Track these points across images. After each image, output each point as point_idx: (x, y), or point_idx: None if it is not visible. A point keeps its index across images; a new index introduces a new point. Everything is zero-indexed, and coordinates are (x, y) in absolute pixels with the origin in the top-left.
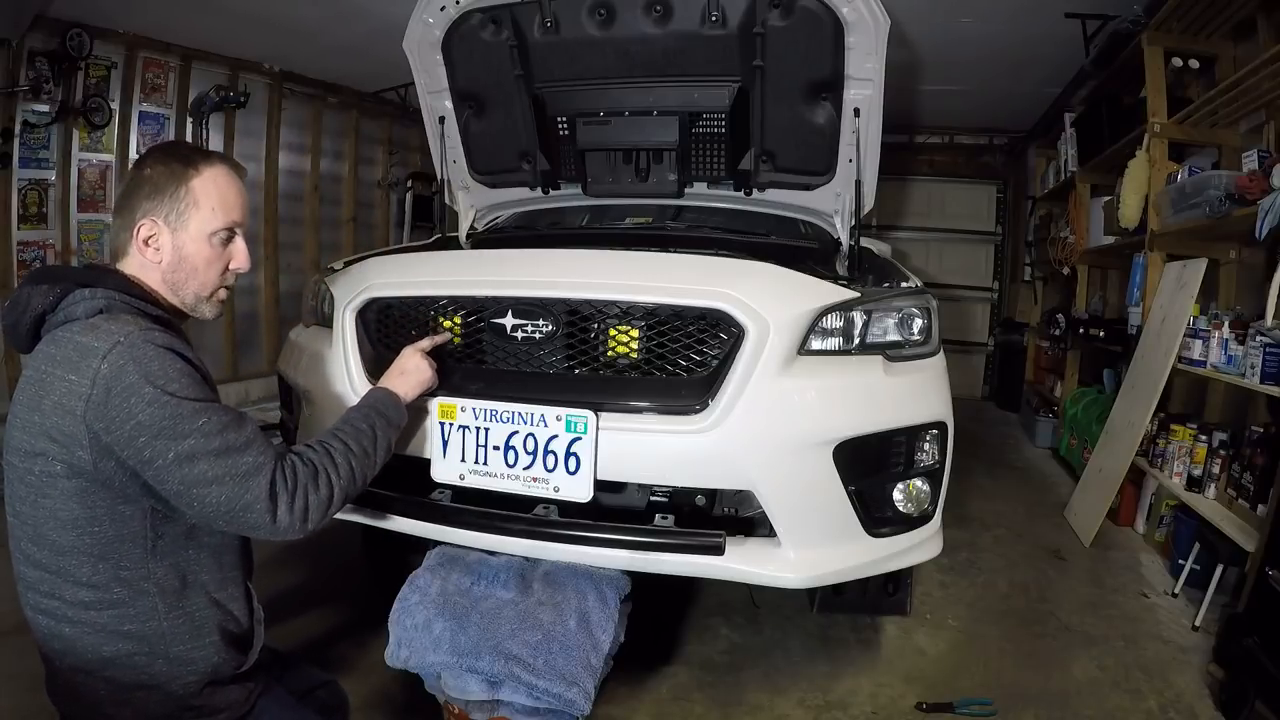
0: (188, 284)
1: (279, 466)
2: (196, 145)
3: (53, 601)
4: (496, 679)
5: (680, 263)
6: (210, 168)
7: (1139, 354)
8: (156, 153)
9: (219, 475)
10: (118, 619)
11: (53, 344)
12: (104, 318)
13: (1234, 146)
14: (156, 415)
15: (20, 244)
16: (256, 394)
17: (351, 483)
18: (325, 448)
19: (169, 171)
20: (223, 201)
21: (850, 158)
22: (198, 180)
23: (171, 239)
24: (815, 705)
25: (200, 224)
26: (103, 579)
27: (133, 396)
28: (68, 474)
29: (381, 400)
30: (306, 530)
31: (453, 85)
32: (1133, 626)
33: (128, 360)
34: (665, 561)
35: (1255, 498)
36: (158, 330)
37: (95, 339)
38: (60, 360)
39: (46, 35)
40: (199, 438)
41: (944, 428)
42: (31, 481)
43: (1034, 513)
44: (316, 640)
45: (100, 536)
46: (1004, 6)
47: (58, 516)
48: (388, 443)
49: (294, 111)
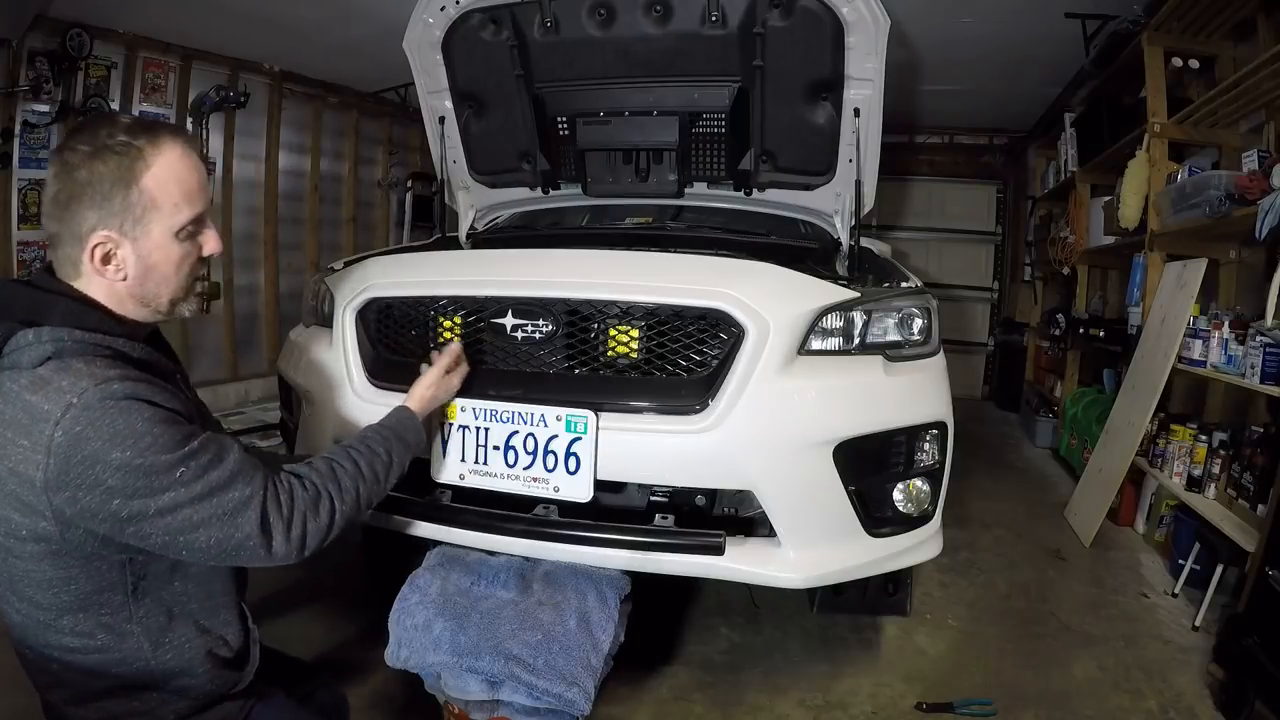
0: (160, 292)
1: (270, 493)
2: (126, 119)
3: (38, 642)
4: (496, 679)
5: (680, 263)
6: (160, 155)
7: (1139, 354)
8: (83, 146)
9: (205, 518)
10: (104, 663)
11: (1, 399)
12: (54, 367)
13: (1234, 146)
14: (128, 480)
15: (20, 244)
16: (256, 394)
17: (356, 508)
18: (333, 469)
19: (111, 170)
20: (184, 192)
21: (850, 158)
22: (150, 176)
23: (133, 250)
24: (815, 705)
25: (164, 226)
26: (86, 628)
27: (97, 465)
28: (34, 539)
29: (403, 423)
30: (304, 556)
31: (453, 85)
32: (1133, 626)
33: (85, 425)
34: (665, 561)
35: (1255, 498)
36: (116, 375)
37: (45, 399)
38: (9, 421)
39: (46, 35)
40: (178, 489)
41: (944, 428)
42: (0, 543)
43: (1034, 513)
44: (316, 640)
45: (78, 592)
46: (1004, 6)
47: (31, 577)
48: (401, 467)
49: (294, 111)
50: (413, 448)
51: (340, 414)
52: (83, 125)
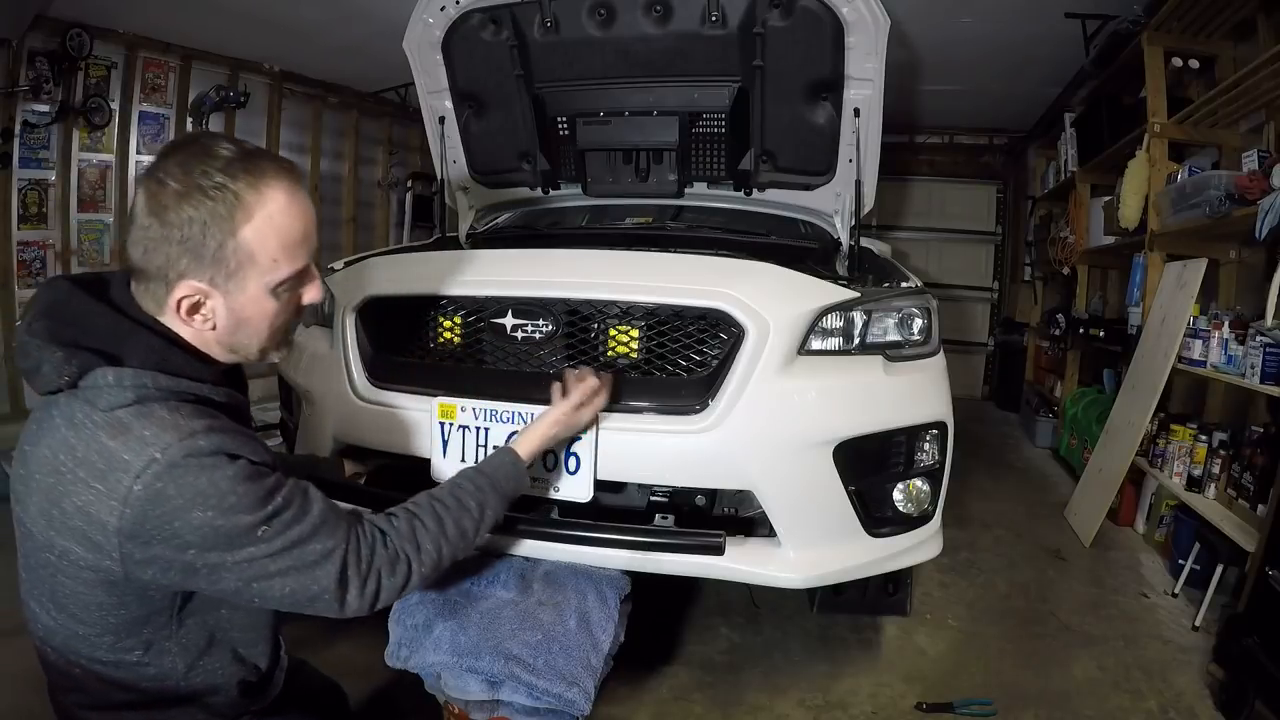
0: (250, 343)
1: (352, 546)
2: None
3: (65, 646)
4: (496, 679)
5: (680, 263)
6: (262, 204)
7: (1139, 354)
8: (176, 180)
9: (283, 569)
10: (133, 678)
11: (71, 427)
12: (135, 413)
13: (1234, 146)
14: (208, 536)
15: (20, 244)
16: (256, 394)
17: (435, 567)
18: (414, 524)
19: (205, 217)
20: (285, 246)
21: (850, 158)
22: (249, 229)
23: (224, 303)
24: (815, 705)
25: (260, 281)
26: (126, 645)
27: (176, 520)
28: (93, 570)
29: (502, 469)
30: (373, 611)
31: (453, 85)
32: (1133, 626)
33: (166, 483)
34: (665, 561)
35: (1255, 498)
36: (201, 429)
37: (125, 449)
38: (82, 459)
39: (46, 35)
40: (258, 545)
41: (944, 428)
42: (50, 561)
43: (1034, 513)
44: (316, 640)
45: (126, 617)
46: (1004, 6)
47: (79, 599)
48: (495, 519)
49: (294, 111)
50: (510, 497)
51: (340, 414)
52: (178, 145)
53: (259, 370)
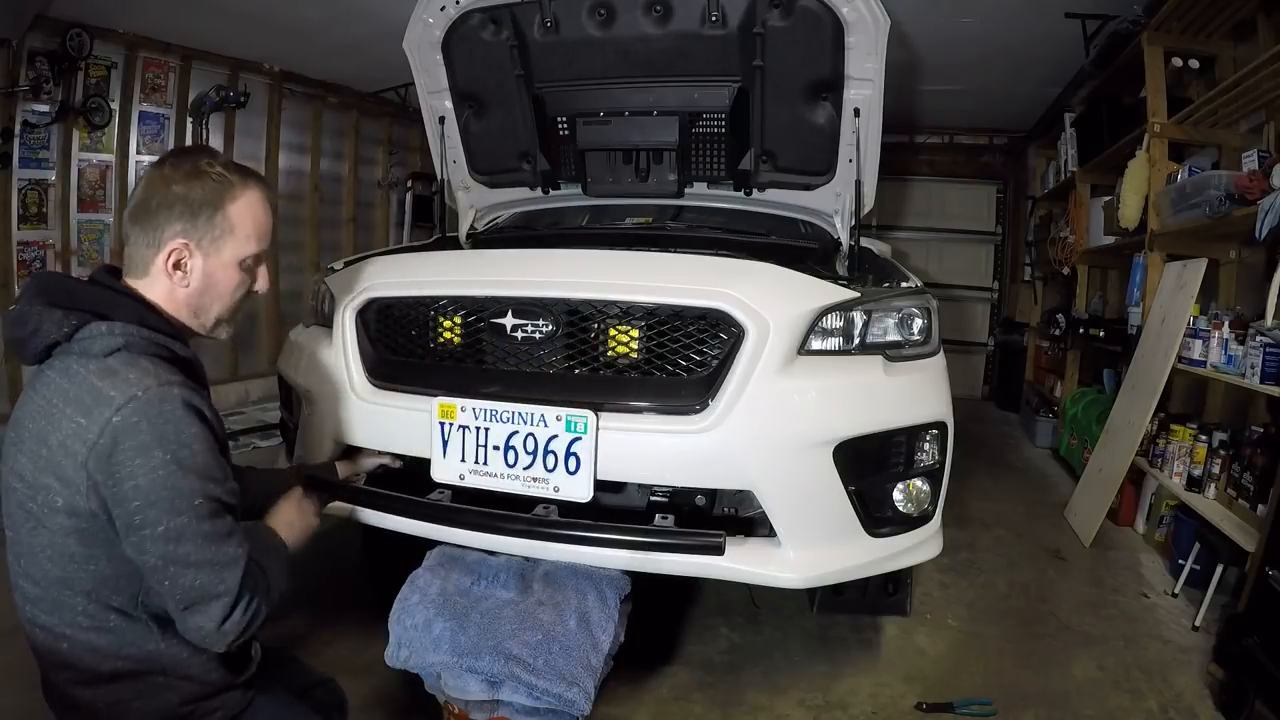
0: (211, 308)
1: (253, 565)
2: (223, 157)
3: (51, 619)
4: (496, 679)
5: (680, 263)
6: (247, 193)
7: (1139, 354)
8: (184, 166)
9: (200, 560)
10: (115, 643)
11: (65, 376)
12: (122, 359)
13: (1234, 146)
14: (157, 483)
15: (20, 244)
16: (256, 394)
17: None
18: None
19: (205, 193)
20: (257, 228)
21: (850, 158)
22: (234, 207)
23: (203, 263)
24: (815, 705)
25: (234, 250)
26: (97, 609)
27: (139, 457)
28: (68, 511)
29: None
30: (232, 643)
31: (453, 85)
32: (1133, 626)
33: (142, 417)
34: (665, 561)
35: (1255, 498)
36: (178, 381)
37: (112, 386)
38: (73, 399)
39: (46, 35)
40: (192, 517)
41: (944, 428)
42: (33, 510)
43: (1034, 513)
44: (316, 640)
45: (96, 574)
46: (1004, 6)
47: (55, 547)
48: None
49: (294, 111)
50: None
51: (340, 414)
52: (184, 150)
53: (259, 370)
